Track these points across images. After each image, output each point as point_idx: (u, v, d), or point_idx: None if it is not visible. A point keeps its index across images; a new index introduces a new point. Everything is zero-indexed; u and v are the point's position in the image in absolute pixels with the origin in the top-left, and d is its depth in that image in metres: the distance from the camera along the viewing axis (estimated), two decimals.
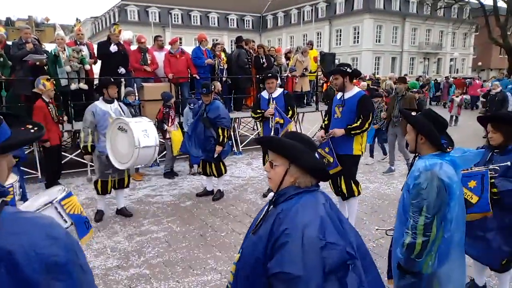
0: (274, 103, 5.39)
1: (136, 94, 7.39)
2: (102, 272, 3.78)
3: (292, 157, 1.59)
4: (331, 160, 4.32)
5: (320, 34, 46.27)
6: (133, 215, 5.25)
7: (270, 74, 5.42)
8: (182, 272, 3.78)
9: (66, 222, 2.20)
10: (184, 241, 4.47)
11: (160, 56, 8.38)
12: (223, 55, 9.16)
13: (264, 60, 9.34)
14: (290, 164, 1.59)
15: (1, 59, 6.89)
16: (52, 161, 6.43)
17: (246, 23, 53.07)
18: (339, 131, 4.21)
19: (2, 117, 1.13)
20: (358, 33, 42.59)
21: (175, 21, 46.77)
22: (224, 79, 8.98)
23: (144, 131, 4.57)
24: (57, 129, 6.40)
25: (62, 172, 6.97)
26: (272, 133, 5.28)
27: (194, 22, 48.47)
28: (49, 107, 6.09)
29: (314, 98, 11.26)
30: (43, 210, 2.03)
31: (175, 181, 7.02)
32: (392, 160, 7.43)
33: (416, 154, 2.35)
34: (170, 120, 7.08)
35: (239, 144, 9.47)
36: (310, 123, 11.70)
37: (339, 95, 4.39)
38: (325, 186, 6.29)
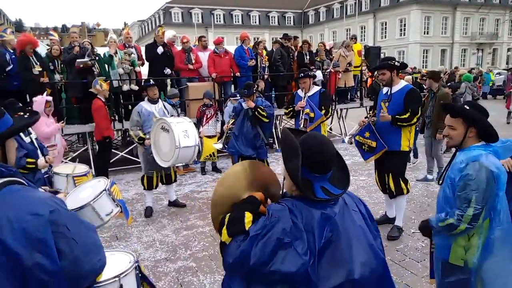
0: (307, 97, 5.26)
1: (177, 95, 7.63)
2: (151, 264, 3.95)
3: (283, 157, 1.48)
4: (374, 144, 4.17)
5: (364, 28, 44.99)
6: (180, 210, 5.44)
7: (303, 74, 5.28)
8: None
9: (117, 206, 2.43)
10: None
11: (204, 56, 8.57)
12: (264, 53, 9.22)
13: (308, 56, 9.28)
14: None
15: (62, 65, 7.43)
16: (105, 157, 6.85)
17: (288, 20, 52.82)
18: (387, 116, 4.07)
19: (3, 109, 1.31)
20: (405, 25, 40.89)
21: (217, 21, 47.58)
22: (265, 77, 9.03)
23: (184, 132, 4.72)
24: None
25: (114, 169, 7.39)
26: (301, 126, 5.20)
27: (235, 22, 49.02)
28: (106, 106, 6.48)
29: (358, 94, 10.99)
30: (99, 198, 2.27)
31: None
32: (431, 167, 6.54)
33: (456, 148, 2.30)
34: (205, 118, 7.24)
35: None
36: (354, 120, 11.41)
37: (385, 89, 4.27)
38: (372, 184, 6.15)
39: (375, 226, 1.58)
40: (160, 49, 7.83)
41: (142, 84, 5.09)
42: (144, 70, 8.29)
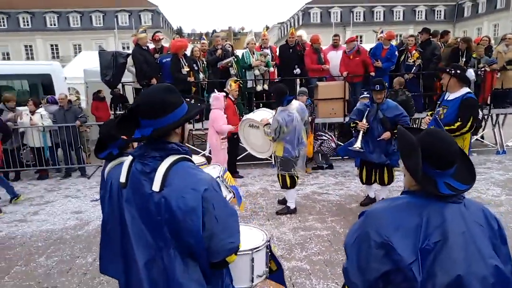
0: (440, 107, 4.49)
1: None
2: None
3: (401, 154, 1.51)
4: None
5: None
6: (299, 210, 5.41)
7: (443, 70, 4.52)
8: (342, 275, 3.66)
9: (230, 192, 2.54)
10: None
11: (335, 55, 8.40)
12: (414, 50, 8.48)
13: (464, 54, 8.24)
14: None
15: (203, 65, 8.26)
16: (233, 152, 7.32)
17: (437, 14, 47.55)
18: None
19: (183, 98, 1.61)
20: None
21: (356, 19, 46.04)
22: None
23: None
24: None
25: (243, 163, 7.86)
26: None
27: (376, 19, 46.53)
28: (235, 105, 6.94)
29: None
30: None
31: (342, 181, 6.91)
32: None
33: None
34: None
35: None
36: None
37: None
38: None
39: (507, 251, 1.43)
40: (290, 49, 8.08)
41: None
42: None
